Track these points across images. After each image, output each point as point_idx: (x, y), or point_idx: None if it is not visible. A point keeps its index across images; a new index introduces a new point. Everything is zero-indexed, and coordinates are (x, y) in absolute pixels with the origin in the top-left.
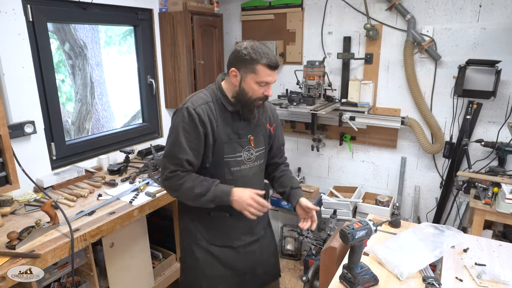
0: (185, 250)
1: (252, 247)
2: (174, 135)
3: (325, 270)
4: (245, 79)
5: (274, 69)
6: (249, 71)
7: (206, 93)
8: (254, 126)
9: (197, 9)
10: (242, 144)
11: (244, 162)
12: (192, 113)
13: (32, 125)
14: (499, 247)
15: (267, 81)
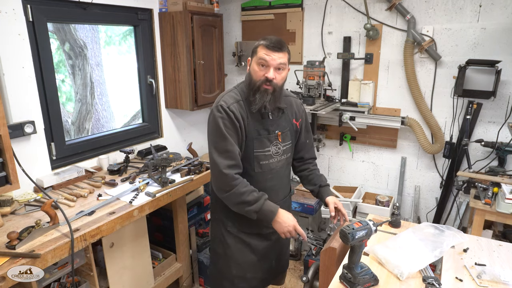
0: (217, 238)
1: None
2: (217, 131)
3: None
4: (251, 64)
5: (273, 50)
6: (253, 55)
7: (236, 92)
8: (281, 122)
9: (197, 9)
10: (271, 139)
11: (272, 156)
12: (227, 111)
13: (32, 125)
14: (499, 247)
15: (265, 59)
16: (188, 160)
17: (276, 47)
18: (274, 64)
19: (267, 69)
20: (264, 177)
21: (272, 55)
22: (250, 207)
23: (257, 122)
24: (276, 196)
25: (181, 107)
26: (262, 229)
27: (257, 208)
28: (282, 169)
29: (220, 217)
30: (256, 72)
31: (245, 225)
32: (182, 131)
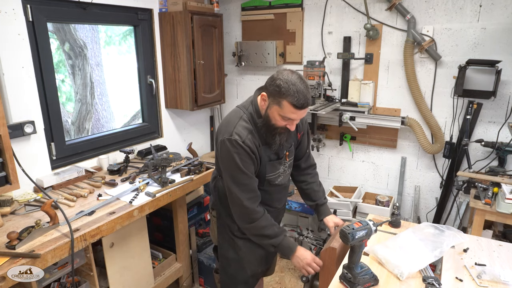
0: (227, 243)
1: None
2: (234, 166)
3: (325, 270)
4: (271, 108)
5: (301, 109)
6: (275, 102)
7: (246, 119)
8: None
9: (197, 9)
10: (281, 162)
11: (280, 175)
12: (243, 146)
13: (32, 125)
14: (499, 247)
15: (291, 117)
16: (188, 160)
17: (304, 107)
18: (298, 119)
19: (290, 121)
20: (273, 192)
21: (298, 114)
22: (269, 240)
23: (268, 148)
24: (280, 203)
25: (181, 107)
26: None
27: (276, 243)
28: (287, 181)
29: (226, 222)
30: (277, 121)
31: None
32: (182, 131)
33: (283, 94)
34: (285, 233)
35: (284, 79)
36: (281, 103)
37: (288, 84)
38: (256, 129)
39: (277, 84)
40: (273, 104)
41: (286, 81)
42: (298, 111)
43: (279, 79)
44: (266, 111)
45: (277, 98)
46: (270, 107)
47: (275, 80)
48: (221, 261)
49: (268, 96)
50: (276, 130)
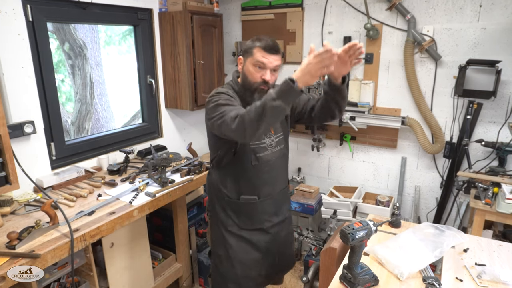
0: (218, 241)
1: (278, 227)
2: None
3: (325, 270)
4: (245, 63)
5: (270, 52)
6: (248, 55)
7: (226, 87)
8: None
9: (197, 9)
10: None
11: (267, 148)
12: (224, 92)
13: (32, 125)
14: (499, 247)
15: (262, 61)
16: (188, 160)
17: (273, 50)
18: (271, 66)
19: (264, 71)
20: (261, 170)
21: (269, 58)
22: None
23: None
24: (273, 187)
25: (181, 107)
26: (263, 223)
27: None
28: (278, 161)
29: (219, 217)
30: (252, 73)
31: (246, 221)
32: (182, 131)
33: (252, 44)
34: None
35: (252, 38)
36: (252, 52)
37: (256, 38)
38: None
39: (247, 43)
40: (247, 58)
41: (255, 38)
42: (269, 54)
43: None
44: (243, 70)
45: (249, 51)
46: (244, 63)
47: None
48: (213, 258)
49: (242, 56)
50: (254, 86)
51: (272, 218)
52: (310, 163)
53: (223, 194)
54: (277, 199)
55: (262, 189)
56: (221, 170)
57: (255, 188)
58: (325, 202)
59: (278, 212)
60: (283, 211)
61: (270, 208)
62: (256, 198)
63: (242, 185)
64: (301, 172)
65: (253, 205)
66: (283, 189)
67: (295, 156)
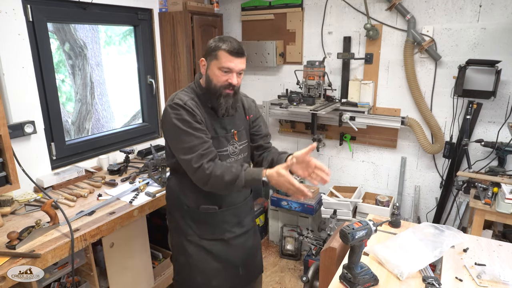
0: (177, 248)
1: (242, 238)
2: (176, 133)
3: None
4: (210, 66)
5: (236, 55)
6: (212, 58)
7: (187, 91)
8: (236, 121)
9: (197, 9)
10: (228, 138)
11: (230, 156)
12: (184, 106)
13: (32, 125)
14: (499, 247)
15: (228, 66)
16: None
17: (239, 53)
18: (237, 70)
19: (229, 74)
20: None
21: (235, 62)
22: (233, 185)
23: (214, 121)
24: (237, 196)
25: None
26: (224, 233)
27: (240, 183)
28: None
29: (179, 225)
30: (217, 77)
31: (206, 231)
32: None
33: (216, 46)
34: (244, 168)
35: (215, 39)
36: (216, 55)
37: (220, 39)
38: (199, 102)
39: (210, 44)
40: (210, 60)
41: (218, 39)
42: (235, 58)
43: (211, 42)
44: (207, 73)
45: (213, 53)
46: (208, 66)
47: (208, 44)
48: (174, 265)
49: (205, 58)
50: (219, 91)
51: (234, 229)
52: None
53: (182, 203)
54: (240, 209)
55: (223, 198)
56: (180, 178)
57: (216, 197)
58: (325, 202)
59: (242, 223)
60: (247, 221)
61: (232, 219)
62: (216, 208)
63: (201, 194)
64: None
65: (214, 215)
66: (246, 198)
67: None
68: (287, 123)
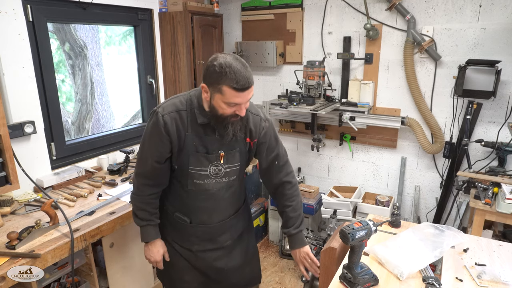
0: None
1: (213, 253)
2: (142, 140)
3: (325, 270)
4: (214, 98)
5: (242, 91)
6: (216, 91)
7: (183, 100)
8: (228, 142)
9: (197, 9)
10: (210, 159)
11: (209, 177)
12: (159, 120)
13: (32, 125)
14: (499, 247)
15: (235, 102)
16: None
17: (245, 88)
18: (244, 102)
19: (237, 106)
20: (196, 197)
21: (242, 97)
22: (135, 219)
23: (197, 138)
24: (209, 218)
25: None
26: (192, 245)
27: (138, 224)
28: (221, 192)
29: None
30: (224, 109)
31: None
32: None
33: (220, 79)
34: (151, 222)
35: (218, 64)
36: (221, 90)
37: (223, 67)
38: (189, 114)
39: (211, 71)
40: (214, 93)
41: (221, 65)
42: (241, 93)
43: (213, 65)
44: (211, 103)
45: (216, 86)
46: (213, 97)
47: (209, 68)
48: None
49: (208, 86)
50: (227, 120)
51: (204, 244)
52: (310, 163)
53: (163, 203)
54: (213, 229)
55: (195, 215)
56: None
57: (188, 211)
58: (325, 202)
59: (214, 241)
60: (222, 240)
61: (202, 235)
62: (188, 221)
63: (177, 202)
64: (301, 172)
65: (184, 226)
66: (224, 220)
67: (295, 156)
68: (287, 123)
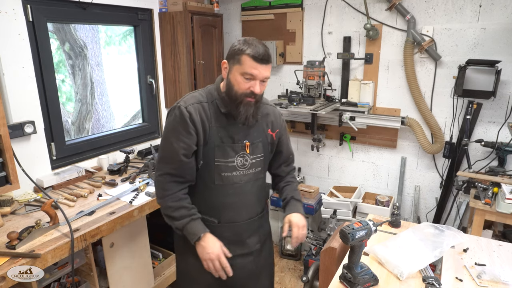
0: (178, 253)
1: (243, 260)
2: (165, 136)
3: (325, 270)
4: (232, 70)
5: (261, 62)
6: (235, 62)
7: (202, 93)
8: (252, 132)
9: (197, 9)
10: (236, 149)
11: (237, 168)
12: (183, 111)
13: (32, 125)
14: (499, 247)
15: (252, 73)
16: None
17: (264, 60)
18: (261, 77)
19: (252, 82)
20: (224, 191)
21: (260, 69)
22: (175, 222)
23: (222, 128)
24: (238, 215)
25: None
26: None
27: (180, 225)
28: (248, 185)
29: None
30: (239, 83)
31: None
32: None
33: (241, 50)
34: (194, 216)
35: (242, 40)
36: (240, 59)
37: (246, 41)
38: (211, 106)
39: (234, 45)
40: (233, 65)
41: (244, 40)
42: (259, 65)
43: (237, 41)
44: (228, 77)
45: (236, 57)
46: (230, 70)
47: (232, 46)
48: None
49: (228, 61)
50: (240, 98)
51: (233, 248)
52: (310, 163)
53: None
54: (242, 228)
55: (223, 213)
56: None
57: (215, 210)
58: (325, 202)
59: (243, 244)
60: (251, 243)
61: (230, 236)
62: (215, 221)
63: (202, 204)
64: (301, 172)
65: (212, 228)
66: (252, 218)
67: (295, 156)
68: (287, 123)
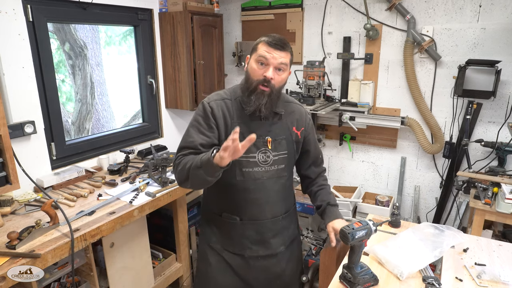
0: (200, 255)
1: (266, 262)
2: (187, 129)
3: (325, 270)
4: (250, 60)
5: (275, 47)
6: (253, 52)
7: (227, 91)
8: (275, 128)
9: (197, 9)
10: (257, 144)
11: (258, 164)
12: (205, 106)
13: (32, 125)
14: (499, 247)
15: (265, 56)
16: None
17: (278, 45)
18: (274, 63)
19: (266, 67)
20: (246, 187)
21: (273, 53)
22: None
23: (244, 124)
24: (260, 212)
25: (181, 107)
26: (245, 250)
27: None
28: (270, 182)
29: (204, 231)
30: (254, 70)
31: (227, 242)
32: (182, 131)
33: (258, 40)
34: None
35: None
36: (256, 47)
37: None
38: (234, 103)
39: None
40: (252, 54)
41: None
42: (273, 49)
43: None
44: (247, 68)
45: (254, 47)
46: (249, 61)
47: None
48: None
49: (249, 54)
50: (253, 86)
51: (257, 248)
52: None
53: (209, 207)
54: (265, 226)
55: (245, 209)
56: None
57: (237, 207)
58: None
59: (266, 243)
60: (274, 244)
61: (253, 235)
62: (237, 218)
63: (224, 201)
64: None
65: (234, 225)
66: (276, 217)
67: None
68: None
